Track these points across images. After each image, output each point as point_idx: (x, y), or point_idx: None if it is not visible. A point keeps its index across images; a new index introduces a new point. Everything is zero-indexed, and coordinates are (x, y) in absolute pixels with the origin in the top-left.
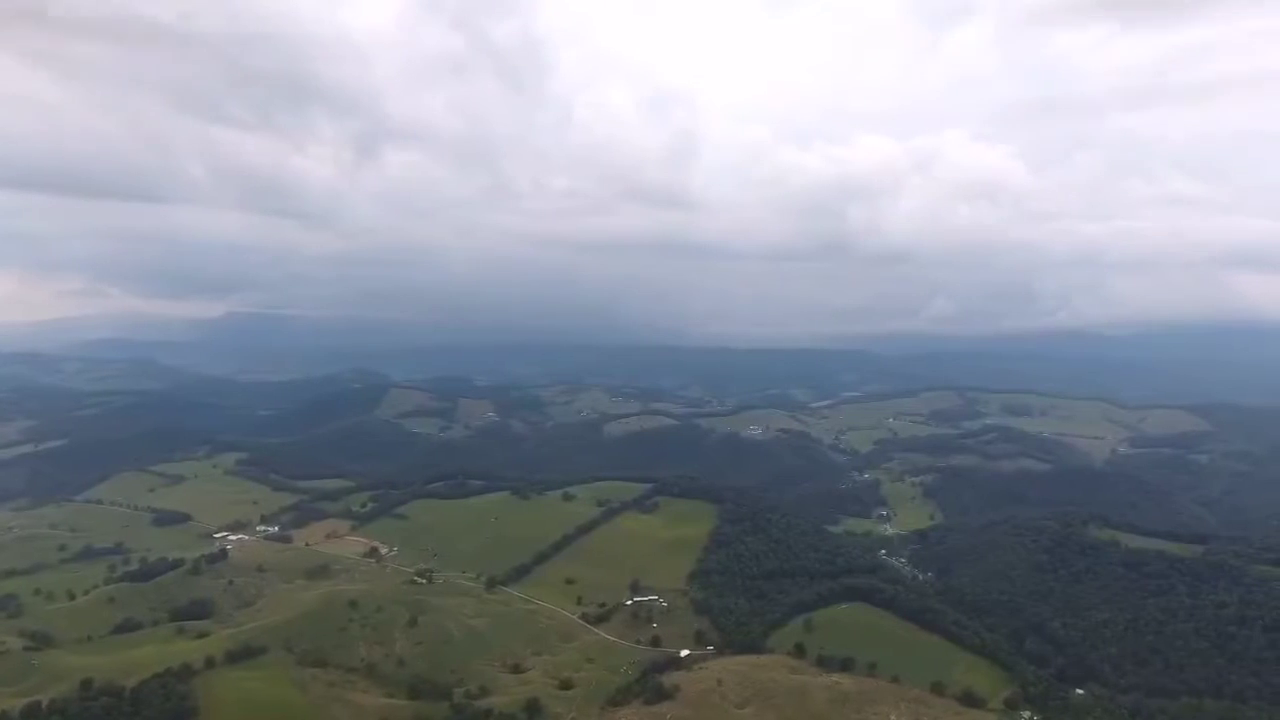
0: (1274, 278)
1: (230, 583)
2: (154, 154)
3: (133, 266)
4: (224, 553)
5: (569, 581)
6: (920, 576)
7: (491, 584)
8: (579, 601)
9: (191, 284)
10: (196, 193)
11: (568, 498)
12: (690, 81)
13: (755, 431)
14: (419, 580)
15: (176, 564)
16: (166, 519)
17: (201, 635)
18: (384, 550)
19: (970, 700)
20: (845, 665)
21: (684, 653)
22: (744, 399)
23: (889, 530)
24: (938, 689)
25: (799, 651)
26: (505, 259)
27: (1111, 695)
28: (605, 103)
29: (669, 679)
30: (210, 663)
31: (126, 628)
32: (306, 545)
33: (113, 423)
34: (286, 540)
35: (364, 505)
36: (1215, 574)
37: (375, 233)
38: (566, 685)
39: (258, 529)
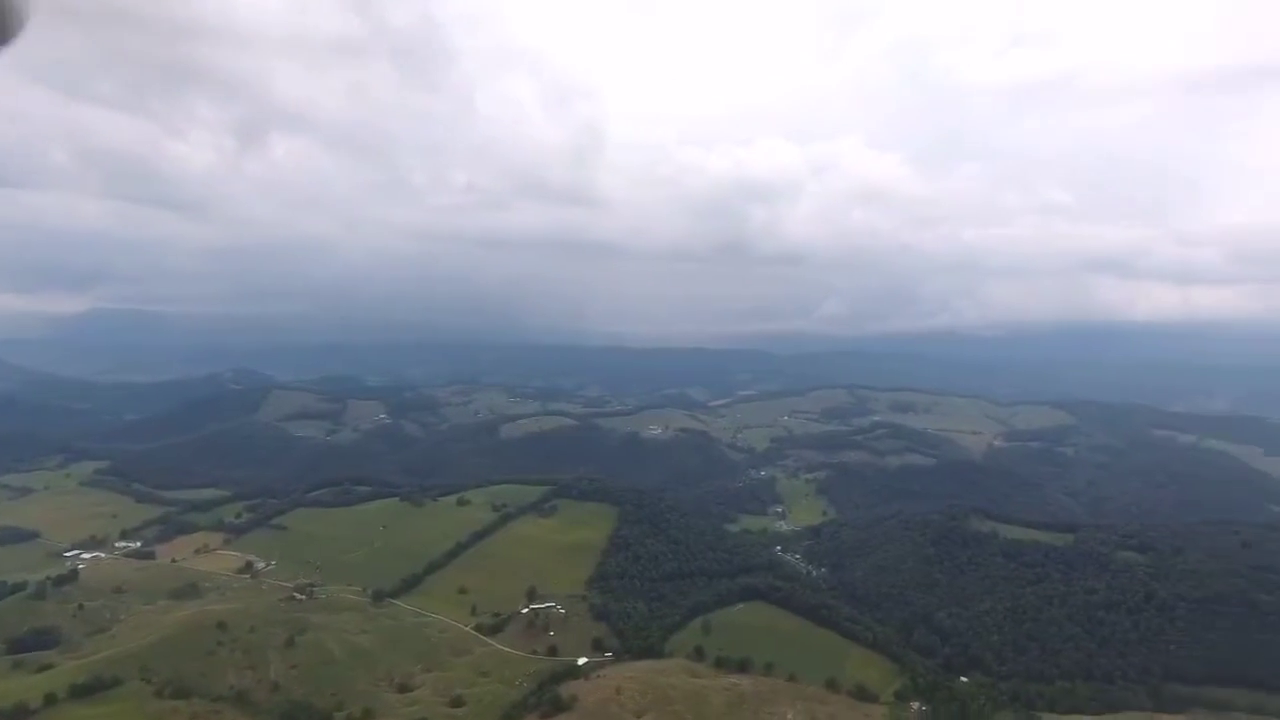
0: (1129, 282)
1: (80, 607)
2: (9, 134)
3: None
4: (75, 573)
5: (462, 591)
6: (814, 572)
7: (379, 597)
8: (473, 612)
9: (48, 276)
10: (58, 178)
11: (462, 503)
12: (596, 78)
13: (655, 431)
14: (298, 596)
15: (18, 588)
16: (10, 537)
17: (44, 668)
18: (260, 565)
19: (863, 695)
20: (743, 666)
21: (582, 661)
22: (643, 398)
23: (784, 527)
24: (832, 686)
25: (698, 654)
26: (398, 254)
27: (994, 682)
28: (508, 95)
29: (566, 690)
30: (51, 700)
31: None
32: (172, 562)
33: None
34: (149, 557)
35: (239, 516)
36: (1085, 561)
37: (259, 224)
38: (458, 703)
39: (116, 545)
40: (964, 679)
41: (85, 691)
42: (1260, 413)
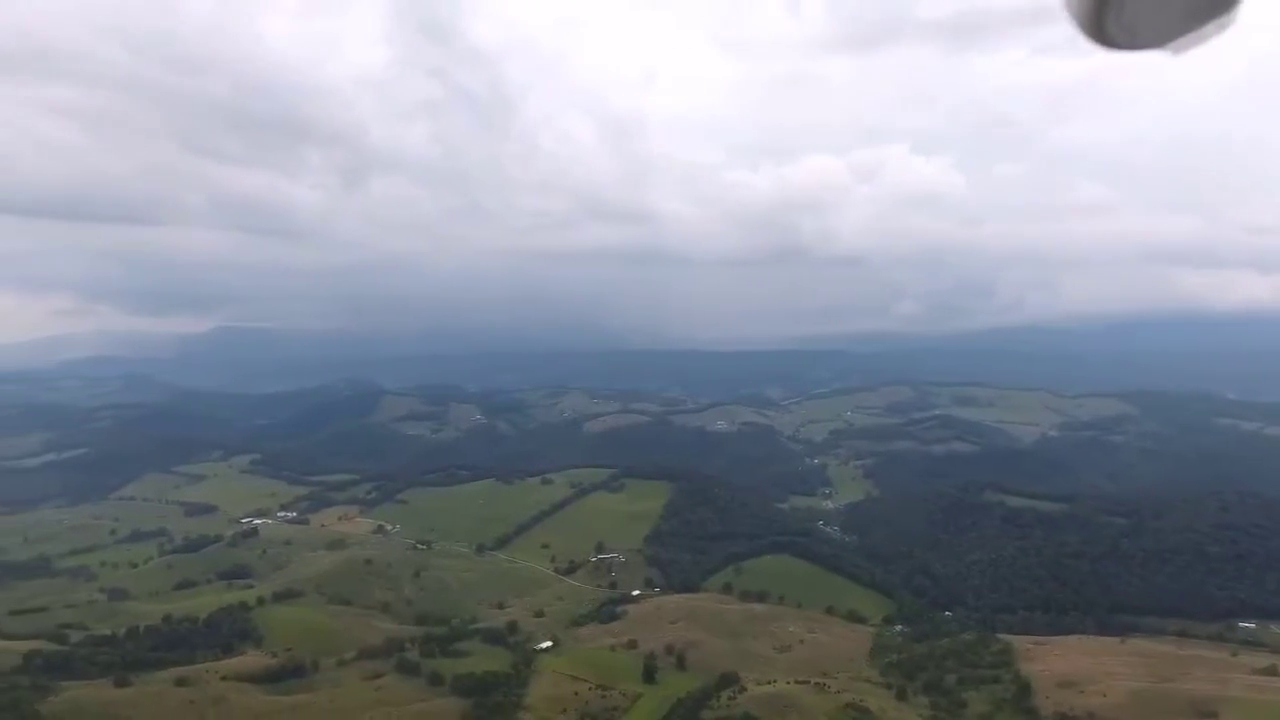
0: (1208, 271)
1: (264, 552)
2: (157, 186)
3: (122, 285)
4: (255, 530)
5: (544, 546)
6: (845, 538)
7: (480, 549)
8: (552, 560)
9: (179, 300)
10: (191, 216)
11: (545, 482)
12: (643, 113)
13: (721, 425)
14: (420, 547)
15: (217, 539)
16: (196, 510)
17: (247, 587)
18: (389, 528)
19: (855, 619)
20: (761, 597)
21: (635, 592)
22: (718, 397)
23: (829, 505)
24: (831, 611)
25: (727, 590)
26: (483, 269)
27: (969, 613)
28: (567, 134)
29: (621, 608)
30: (261, 601)
31: (185, 585)
32: (322, 526)
33: (126, 433)
34: (304, 523)
35: (369, 494)
36: (1070, 523)
37: (360, 247)
38: (540, 614)
39: (278, 514)
40: (948, 613)
41: (282, 598)
42: None
